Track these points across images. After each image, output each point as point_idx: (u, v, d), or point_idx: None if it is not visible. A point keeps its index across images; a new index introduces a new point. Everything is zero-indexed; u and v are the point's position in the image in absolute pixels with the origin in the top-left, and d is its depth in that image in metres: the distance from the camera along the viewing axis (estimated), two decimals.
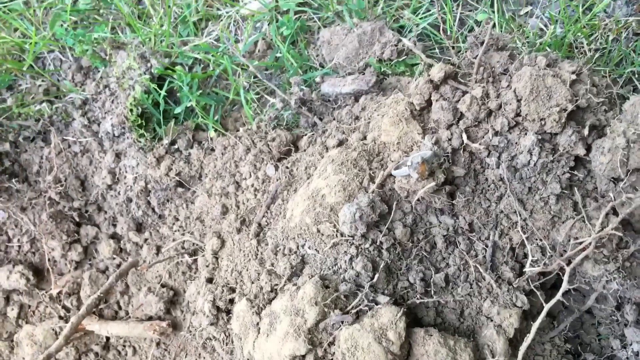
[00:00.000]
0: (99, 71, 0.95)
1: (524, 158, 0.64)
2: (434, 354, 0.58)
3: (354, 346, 0.57)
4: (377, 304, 0.61)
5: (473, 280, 0.64)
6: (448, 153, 0.66)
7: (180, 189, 0.86)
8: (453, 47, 0.85)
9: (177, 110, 0.86)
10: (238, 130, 0.85)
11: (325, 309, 0.60)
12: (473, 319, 0.63)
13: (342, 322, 0.60)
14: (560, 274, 0.64)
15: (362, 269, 0.62)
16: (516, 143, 0.65)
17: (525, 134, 0.65)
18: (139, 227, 0.92)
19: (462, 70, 0.71)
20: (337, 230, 0.65)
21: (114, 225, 0.93)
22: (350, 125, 0.76)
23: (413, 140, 0.68)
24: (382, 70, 0.82)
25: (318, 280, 0.62)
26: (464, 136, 0.66)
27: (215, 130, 0.87)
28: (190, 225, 0.87)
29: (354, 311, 0.60)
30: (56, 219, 0.92)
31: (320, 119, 0.81)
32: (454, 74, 0.69)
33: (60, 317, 0.91)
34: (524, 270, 0.65)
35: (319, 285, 0.61)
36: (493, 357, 0.60)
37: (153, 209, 0.90)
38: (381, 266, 0.62)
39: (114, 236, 0.94)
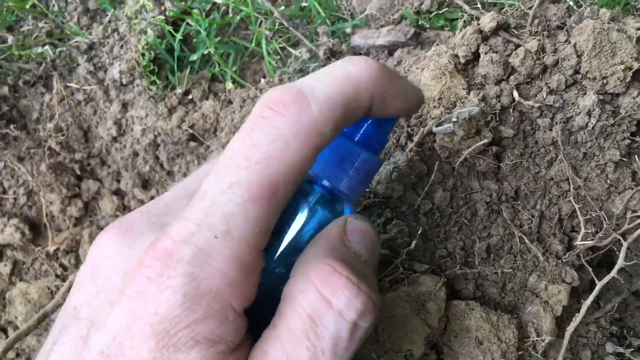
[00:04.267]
0: (106, 14, 0.88)
1: (581, 120, 0.58)
2: (475, 330, 0.52)
3: (389, 317, 0.52)
4: (413, 272, 0.55)
5: (517, 252, 0.58)
6: (496, 111, 0.60)
7: (192, 143, 0.79)
8: (495, 4, 0.78)
9: (193, 57, 0.79)
10: (259, 83, 0.79)
11: None
12: (516, 293, 0.57)
13: None
14: (615, 249, 0.58)
15: (398, 234, 0.56)
16: (573, 103, 0.59)
17: (584, 93, 0.59)
18: (145, 184, 0.86)
19: (515, 21, 0.65)
20: (369, 191, 0.59)
21: (118, 181, 0.87)
22: None
23: (457, 96, 0.62)
24: (419, 23, 0.75)
25: None
26: (515, 93, 0.60)
27: (233, 82, 0.80)
28: None
29: (387, 279, 0.55)
30: (56, 170, 0.86)
31: None
32: (506, 25, 0.62)
33: (57, 276, 0.85)
34: (573, 243, 0.59)
35: None
36: (538, 335, 0.54)
37: (161, 165, 0.83)
38: (419, 232, 0.56)
39: (118, 192, 0.87)
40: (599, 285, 0.54)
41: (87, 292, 0.33)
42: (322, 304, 0.30)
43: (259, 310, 0.32)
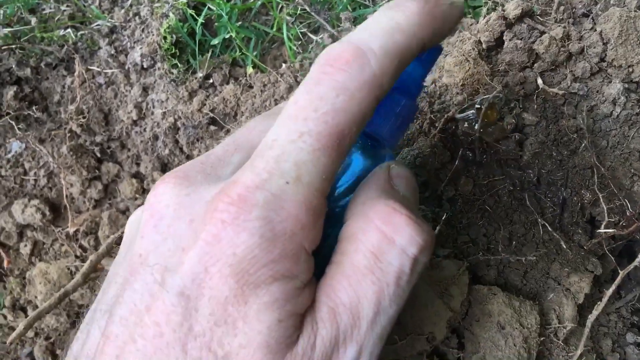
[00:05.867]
0: None
1: (606, 108, 0.58)
2: (497, 314, 0.53)
3: (411, 299, 0.52)
4: (436, 256, 0.55)
5: (540, 240, 0.58)
6: (519, 98, 0.60)
7: (212, 127, 0.79)
8: None
9: (215, 41, 0.79)
10: (279, 68, 0.79)
11: None
12: (537, 281, 0.57)
13: None
14: (638, 238, 0.58)
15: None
16: (598, 91, 0.59)
17: (610, 81, 0.58)
18: (164, 167, 0.86)
19: (540, 8, 0.64)
20: None
21: (138, 164, 0.87)
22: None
23: (480, 83, 0.61)
24: None
25: None
26: (539, 80, 0.59)
27: (254, 67, 0.80)
28: None
29: None
30: (76, 153, 0.86)
31: None
32: (531, 12, 0.62)
33: (77, 257, 0.86)
34: (596, 232, 0.59)
35: None
36: (560, 322, 0.55)
37: (181, 148, 0.83)
38: (442, 218, 0.56)
39: (137, 175, 0.88)
40: (622, 273, 0.55)
41: (151, 239, 0.34)
42: (384, 241, 0.33)
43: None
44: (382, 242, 0.33)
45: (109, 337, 0.33)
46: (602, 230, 0.57)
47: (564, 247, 0.57)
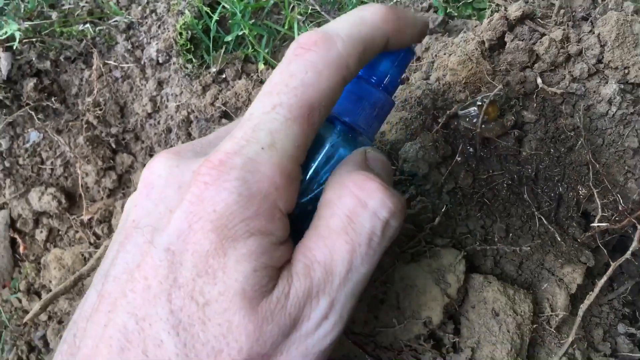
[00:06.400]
0: None
1: (602, 108, 0.60)
2: (492, 302, 0.55)
3: (410, 285, 0.55)
4: (435, 246, 0.58)
5: (536, 233, 0.61)
6: (520, 96, 0.62)
7: (224, 121, 0.82)
8: None
9: (228, 38, 0.82)
10: None
11: None
12: (532, 271, 0.60)
13: (397, 261, 0.57)
14: (630, 232, 0.60)
15: (422, 210, 0.59)
16: (595, 92, 0.61)
17: (606, 82, 0.61)
18: None
19: (541, 11, 0.67)
20: (396, 169, 0.61)
21: (151, 156, 0.90)
22: (412, 64, 0.72)
23: (482, 81, 0.64)
24: (447, 11, 0.77)
25: None
26: (539, 80, 0.62)
27: (265, 63, 0.83)
28: None
29: (410, 251, 0.57)
30: (92, 143, 0.89)
31: None
32: (532, 15, 0.65)
33: (91, 243, 0.89)
34: (590, 225, 0.61)
35: None
36: (552, 311, 0.57)
37: None
38: (442, 210, 0.59)
39: None
40: (614, 265, 0.57)
41: (144, 206, 0.37)
42: (358, 205, 0.35)
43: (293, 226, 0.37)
44: (356, 205, 0.35)
45: (104, 295, 0.35)
46: (595, 223, 0.59)
47: (559, 239, 0.59)
